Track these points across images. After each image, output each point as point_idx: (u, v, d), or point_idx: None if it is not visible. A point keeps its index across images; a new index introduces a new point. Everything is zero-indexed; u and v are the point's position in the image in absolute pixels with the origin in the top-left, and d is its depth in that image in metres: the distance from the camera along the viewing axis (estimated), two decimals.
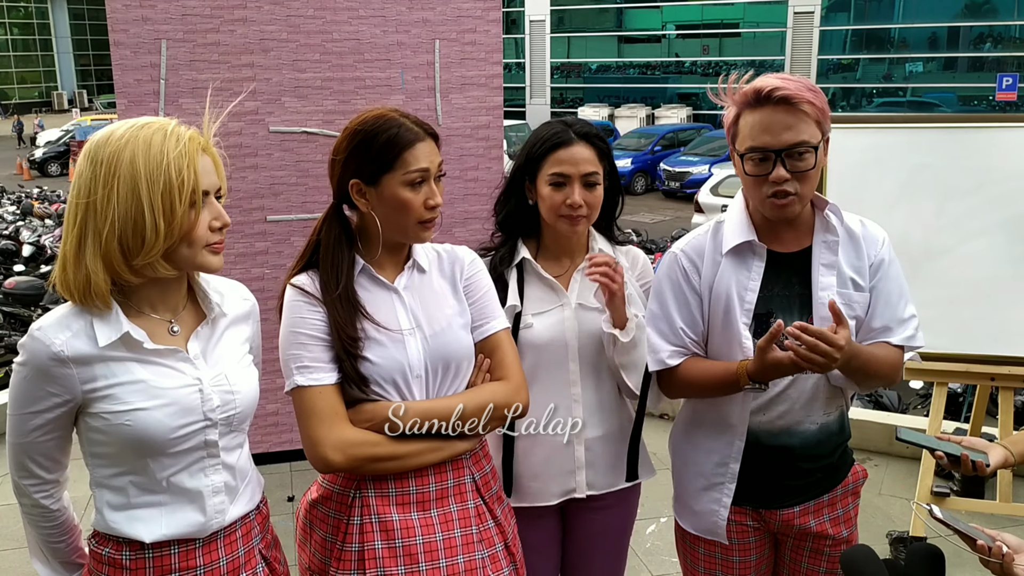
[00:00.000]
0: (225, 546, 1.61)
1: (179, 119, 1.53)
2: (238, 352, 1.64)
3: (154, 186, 1.42)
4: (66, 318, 1.47)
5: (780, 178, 1.81)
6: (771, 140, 1.80)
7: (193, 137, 1.49)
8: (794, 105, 1.78)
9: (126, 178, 1.43)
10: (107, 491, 1.53)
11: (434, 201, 1.73)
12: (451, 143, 3.56)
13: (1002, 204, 3.34)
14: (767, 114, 1.81)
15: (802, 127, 1.80)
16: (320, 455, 1.65)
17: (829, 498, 2.03)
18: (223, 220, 1.52)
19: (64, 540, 1.65)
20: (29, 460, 1.53)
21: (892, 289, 1.94)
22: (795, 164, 1.81)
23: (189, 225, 1.46)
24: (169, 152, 1.44)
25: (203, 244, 1.49)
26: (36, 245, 11.78)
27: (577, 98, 39.77)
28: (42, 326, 1.46)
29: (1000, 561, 1.54)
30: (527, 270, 2.09)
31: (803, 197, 1.86)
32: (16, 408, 1.50)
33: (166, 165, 1.43)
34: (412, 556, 1.70)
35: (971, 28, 33.04)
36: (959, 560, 3.29)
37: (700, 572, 2.13)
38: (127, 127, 1.47)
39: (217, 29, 3.28)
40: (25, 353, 1.46)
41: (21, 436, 1.51)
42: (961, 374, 3.45)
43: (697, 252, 2.02)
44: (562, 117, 2.14)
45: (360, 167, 1.72)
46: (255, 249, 3.46)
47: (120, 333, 1.47)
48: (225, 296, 1.66)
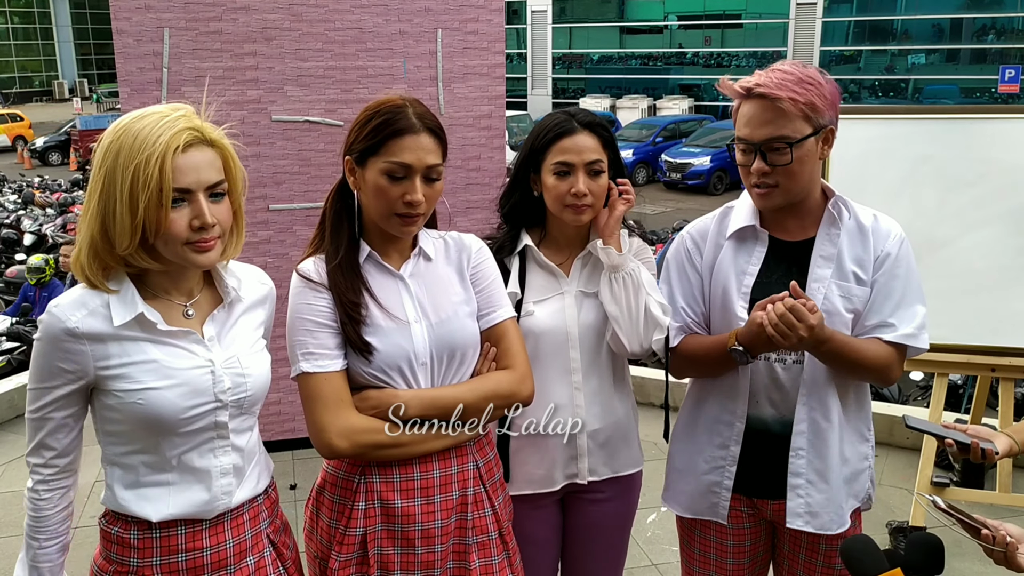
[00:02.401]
0: (232, 528, 1.62)
1: (194, 106, 1.53)
2: (252, 336, 1.66)
3: (124, 180, 1.43)
4: (83, 296, 1.50)
5: (758, 170, 1.87)
6: (751, 133, 1.87)
7: (183, 131, 1.46)
8: (772, 101, 1.82)
9: (109, 169, 1.45)
10: (118, 468, 1.56)
11: (411, 198, 1.68)
12: (453, 132, 3.56)
13: (1005, 195, 3.34)
14: (751, 107, 1.87)
15: (781, 122, 1.83)
16: (325, 441, 1.67)
17: None
18: (203, 220, 1.47)
19: (47, 548, 1.61)
20: (43, 434, 1.55)
21: (895, 287, 1.92)
22: (773, 158, 1.86)
23: (157, 223, 1.45)
24: (146, 147, 1.43)
25: (181, 242, 1.48)
26: (37, 234, 11.80)
27: (579, 89, 39.71)
28: (60, 303, 1.49)
29: (1004, 550, 1.55)
30: (529, 258, 2.10)
31: (787, 190, 1.89)
32: (34, 381, 1.53)
33: (138, 161, 1.42)
34: (409, 540, 1.72)
35: (974, 20, 32.97)
36: (959, 550, 3.31)
37: (695, 553, 2.15)
38: (133, 116, 1.49)
39: (220, 18, 3.28)
40: (42, 328, 1.50)
41: (36, 410, 1.53)
42: (962, 365, 3.45)
43: (701, 234, 2.09)
44: (565, 108, 2.14)
45: (353, 144, 1.73)
46: (258, 238, 3.47)
47: (135, 313, 1.50)
48: (243, 281, 1.67)
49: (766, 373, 1.96)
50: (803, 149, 1.85)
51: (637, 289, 1.98)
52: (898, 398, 6.14)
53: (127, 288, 1.51)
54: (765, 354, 1.94)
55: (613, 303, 1.99)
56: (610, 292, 2.00)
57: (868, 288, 1.93)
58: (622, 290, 1.98)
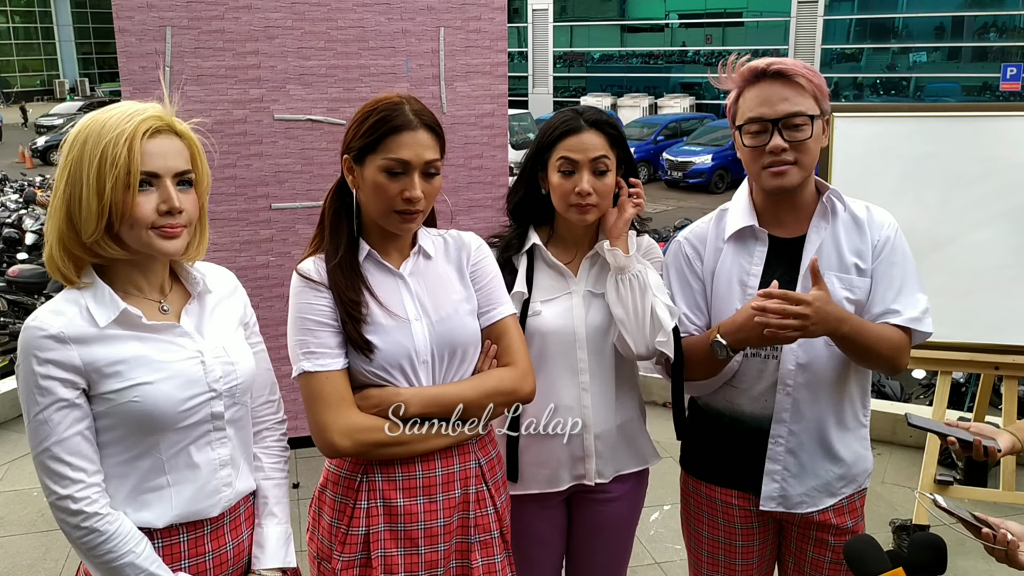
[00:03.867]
0: (231, 530, 1.62)
1: (172, 102, 1.54)
2: (230, 326, 1.65)
3: (91, 164, 1.43)
4: (59, 306, 1.48)
5: (777, 147, 1.86)
6: (768, 111, 1.86)
7: (150, 118, 1.47)
8: (789, 78, 1.85)
9: (77, 157, 1.45)
10: (114, 480, 1.51)
11: (410, 194, 1.68)
12: (455, 131, 3.56)
13: (1008, 193, 3.33)
14: (764, 87, 1.88)
15: (798, 99, 1.85)
16: (327, 440, 1.67)
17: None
18: (170, 204, 1.47)
19: (144, 555, 1.49)
20: (61, 463, 1.43)
21: (895, 273, 1.93)
22: (792, 134, 1.86)
23: (124, 206, 1.44)
24: (113, 131, 1.43)
25: (146, 226, 1.47)
26: (39, 233, 11.78)
27: (580, 87, 39.71)
28: (36, 316, 1.46)
29: (1005, 548, 1.55)
30: (537, 257, 2.09)
31: (803, 166, 1.89)
32: (31, 410, 1.44)
33: (105, 144, 1.43)
34: (412, 540, 1.72)
35: (975, 18, 32.92)
36: (962, 548, 3.31)
37: (703, 555, 2.15)
38: (101, 110, 1.49)
39: (222, 16, 3.28)
40: (23, 345, 1.45)
41: (45, 439, 1.43)
42: (965, 363, 3.45)
43: (699, 239, 2.08)
44: (570, 107, 2.13)
45: (352, 143, 1.73)
46: (260, 237, 3.47)
47: (118, 312, 1.48)
48: (207, 275, 1.66)
49: (745, 367, 1.98)
50: (818, 127, 1.88)
51: (644, 291, 1.96)
52: (901, 396, 6.13)
53: (102, 288, 1.49)
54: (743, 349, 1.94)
55: (619, 305, 1.98)
56: (616, 294, 1.98)
57: (869, 278, 1.94)
58: (628, 292, 1.97)
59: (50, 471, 1.44)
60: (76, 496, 1.44)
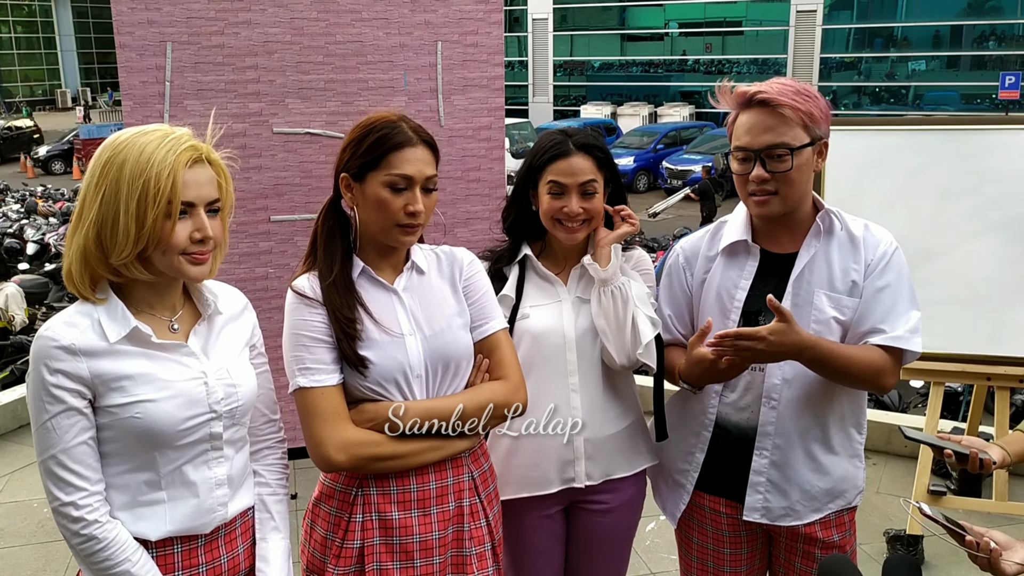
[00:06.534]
0: (226, 544, 1.64)
1: (191, 127, 1.57)
2: (236, 349, 1.68)
3: (132, 191, 1.46)
4: (72, 318, 1.51)
5: (757, 177, 1.89)
6: (751, 140, 1.89)
7: (189, 148, 1.51)
8: (773, 108, 1.86)
9: (113, 180, 1.48)
10: (112, 490, 1.55)
11: (413, 208, 1.73)
12: (453, 144, 3.59)
13: (1000, 206, 3.36)
14: (752, 115, 1.90)
15: (782, 129, 1.86)
16: (323, 455, 1.69)
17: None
18: (204, 233, 1.52)
19: (140, 564, 1.52)
20: (65, 470, 1.47)
21: (885, 293, 1.92)
22: (774, 165, 1.88)
23: (161, 233, 1.49)
24: (155, 160, 1.47)
25: (178, 252, 1.51)
26: (40, 243, 11.83)
27: (580, 96, 39.77)
28: (49, 326, 1.50)
29: (988, 556, 1.57)
30: (528, 267, 2.13)
31: (785, 198, 1.91)
32: (40, 416, 1.47)
33: (147, 172, 1.46)
34: (408, 553, 1.74)
35: (974, 26, 32.97)
36: (955, 558, 3.32)
37: (693, 561, 2.18)
38: (134, 132, 1.52)
39: (222, 32, 3.32)
40: (35, 354, 1.49)
41: (52, 446, 1.47)
42: (958, 374, 3.47)
43: (692, 250, 2.13)
44: (564, 125, 2.18)
45: (350, 161, 1.77)
46: (259, 249, 3.50)
47: (129, 328, 1.52)
48: (219, 296, 1.69)
49: (734, 379, 2.00)
50: (802, 157, 1.88)
51: (625, 303, 2.00)
52: (899, 406, 6.15)
53: (115, 304, 1.53)
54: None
55: (601, 316, 2.03)
56: (599, 305, 2.03)
57: (859, 298, 1.94)
58: (610, 303, 2.01)
59: (55, 477, 1.48)
60: (79, 503, 1.48)
